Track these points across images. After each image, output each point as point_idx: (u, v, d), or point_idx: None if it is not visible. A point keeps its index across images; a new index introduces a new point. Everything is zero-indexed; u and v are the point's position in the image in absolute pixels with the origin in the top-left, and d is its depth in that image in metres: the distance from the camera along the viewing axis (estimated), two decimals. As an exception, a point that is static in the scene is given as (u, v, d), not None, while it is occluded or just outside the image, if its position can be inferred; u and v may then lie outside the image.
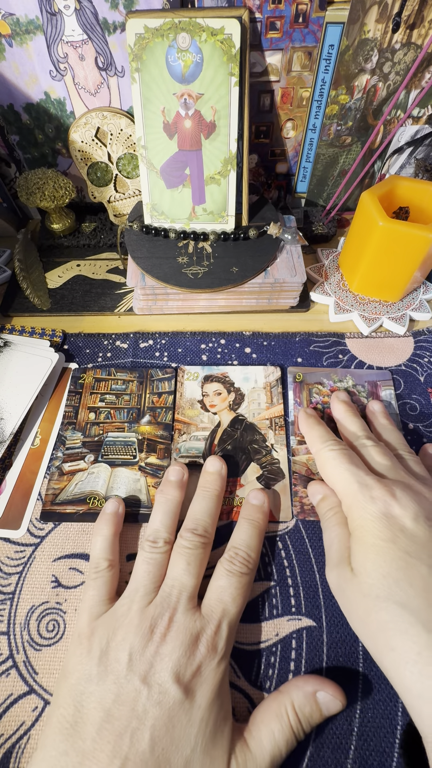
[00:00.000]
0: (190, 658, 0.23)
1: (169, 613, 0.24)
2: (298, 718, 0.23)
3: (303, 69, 0.38)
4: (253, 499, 0.30)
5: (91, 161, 0.43)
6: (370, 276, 0.40)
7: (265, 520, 0.30)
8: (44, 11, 0.34)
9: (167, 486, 0.30)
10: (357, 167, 0.44)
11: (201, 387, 0.38)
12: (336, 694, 0.24)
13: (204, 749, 0.21)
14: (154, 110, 0.35)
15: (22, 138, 0.42)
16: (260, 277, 0.39)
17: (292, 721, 0.23)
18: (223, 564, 0.27)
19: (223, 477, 0.31)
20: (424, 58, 0.36)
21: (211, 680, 0.23)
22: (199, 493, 0.30)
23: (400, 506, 0.25)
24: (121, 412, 0.36)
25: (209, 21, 0.31)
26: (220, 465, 0.31)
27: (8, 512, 0.32)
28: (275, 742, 0.22)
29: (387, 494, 0.26)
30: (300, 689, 0.24)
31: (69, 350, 0.40)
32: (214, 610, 0.25)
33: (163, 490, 0.30)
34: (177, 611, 0.25)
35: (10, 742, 0.25)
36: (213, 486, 0.30)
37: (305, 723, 0.23)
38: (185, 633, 0.24)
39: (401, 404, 0.36)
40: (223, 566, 0.27)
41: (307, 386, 0.37)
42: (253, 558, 0.28)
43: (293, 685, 0.24)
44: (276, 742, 0.22)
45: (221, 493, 0.31)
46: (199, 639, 0.24)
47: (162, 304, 0.41)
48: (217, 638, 0.24)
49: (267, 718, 0.23)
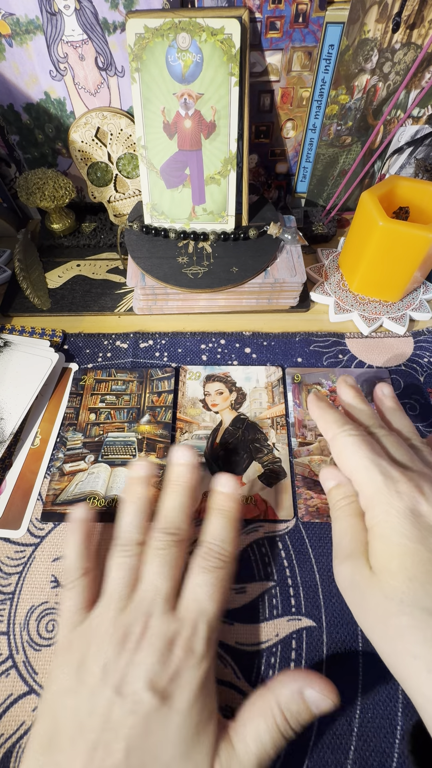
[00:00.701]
0: (165, 663, 0.22)
1: (143, 619, 0.23)
2: (285, 717, 0.22)
3: (303, 69, 0.38)
4: (222, 486, 0.28)
5: (91, 161, 0.43)
6: (370, 276, 0.40)
7: (237, 508, 0.27)
8: (44, 11, 0.34)
9: (133, 483, 0.28)
10: (357, 167, 0.44)
11: (203, 386, 0.38)
12: (325, 691, 0.22)
13: (184, 754, 0.21)
14: (154, 110, 0.35)
15: (22, 138, 0.42)
16: (260, 277, 0.39)
17: (278, 721, 0.21)
18: (196, 560, 0.25)
19: (194, 466, 0.28)
20: (424, 58, 0.36)
21: (191, 683, 0.22)
22: (168, 487, 0.28)
23: (428, 503, 0.24)
24: (121, 412, 0.36)
25: (209, 21, 0.31)
26: (189, 454, 0.28)
27: (8, 512, 0.32)
28: (261, 742, 0.21)
29: (414, 489, 0.24)
30: (286, 686, 0.22)
31: (69, 350, 0.40)
32: (189, 611, 0.24)
33: (129, 488, 0.28)
34: (152, 616, 0.23)
35: (10, 742, 0.25)
36: (183, 478, 0.28)
37: (293, 722, 0.22)
38: (159, 638, 0.23)
39: (401, 404, 0.36)
40: (196, 563, 0.25)
41: (306, 387, 0.37)
42: (229, 551, 0.26)
43: (279, 682, 0.23)
44: (262, 742, 0.21)
45: (193, 485, 0.28)
46: (174, 642, 0.23)
47: (162, 304, 0.41)
48: (194, 639, 0.23)
49: (253, 716, 0.22)
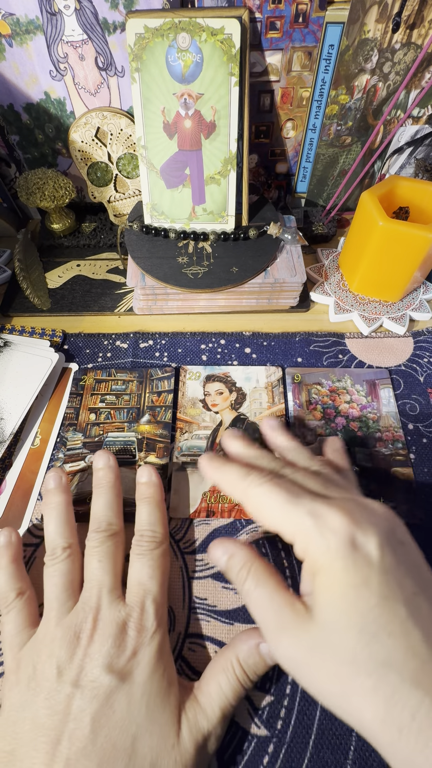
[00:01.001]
0: (120, 646, 0.23)
1: (93, 614, 0.24)
2: (243, 668, 0.23)
3: (303, 69, 0.38)
4: (141, 477, 0.30)
5: (91, 161, 0.43)
6: (370, 276, 0.40)
7: (158, 491, 0.30)
8: (44, 11, 0.34)
9: (48, 495, 0.29)
10: (357, 167, 0.44)
11: (203, 386, 0.38)
12: None
13: (150, 719, 0.22)
14: (154, 110, 0.35)
15: (22, 138, 0.42)
16: (260, 277, 0.39)
17: (237, 673, 0.23)
18: (133, 549, 0.27)
19: (113, 467, 0.30)
20: (424, 58, 0.36)
21: (148, 656, 0.23)
22: (95, 491, 0.30)
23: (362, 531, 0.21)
24: (121, 412, 0.36)
25: (209, 21, 0.31)
26: (107, 457, 0.31)
27: (8, 512, 0.32)
28: (223, 693, 0.23)
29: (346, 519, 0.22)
30: (244, 642, 0.24)
31: (69, 350, 0.40)
32: (135, 594, 0.25)
33: (46, 500, 0.29)
34: (101, 609, 0.25)
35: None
36: (105, 479, 0.30)
37: (251, 673, 0.24)
38: (112, 625, 0.24)
39: (401, 404, 0.36)
40: (133, 551, 0.27)
41: (306, 387, 0.37)
42: (160, 531, 0.28)
43: (238, 639, 0.25)
44: (224, 693, 0.23)
45: (116, 482, 0.30)
46: (126, 625, 0.24)
47: (162, 304, 0.41)
48: (144, 618, 0.24)
49: (214, 672, 0.24)
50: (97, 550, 0.27)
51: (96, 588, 0.25)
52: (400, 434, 0.35)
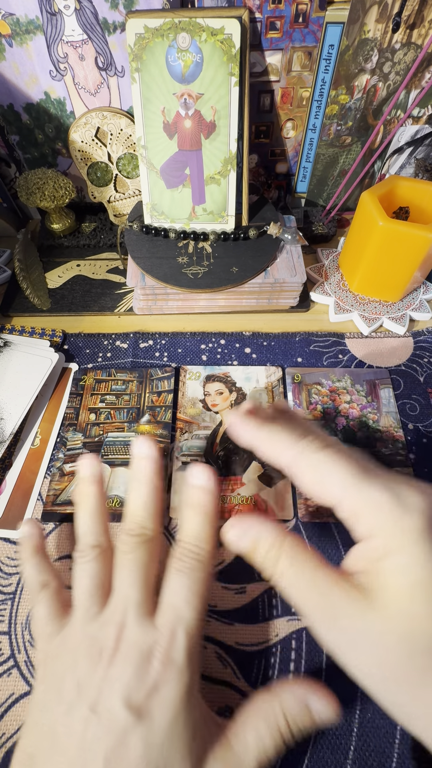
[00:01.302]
0: (142, 678, 0.20)
1: (116, 630, 0.22)
2: (287, 721, 0.21)
3: (303, 69, 0.38)
4: (195, 479, 0.25)
5: (91, 161, 0.43)
6: (370, 276, 0.40)
7: (213, 501, 0.24)
8: (44, 11, 0.34)
9: (81, 484, 0.27)
10: (357, 167, 0.44)
11: (203, 386, 0.38)
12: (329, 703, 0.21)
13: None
14: (154, 110, 0.35)
15: (22, 138, 0.42)
16: (260, 277, 0.39)
17: (280, 724, 0.21)
18: (172, 562, 0.24)
19: (155, 458, 0.26)
20: (424, 58, 0.36)
21: (171, 698, 0.20)
22: (132, 483, 0.26)
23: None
24: (120, 412, 0.36)
25: (209, 21, 0.31)
26: (149, 445, 0.26)
27: (8, 512, 0.32)
28: (262, 743, 0.21)
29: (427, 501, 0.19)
30: (291, 692, 0.22)
31: (69, 350, 0.40)
32: (166, 618, 0.22)
33: (77, 489, 0.27)
34: (125, 627, 0.22)
35: (11, 741, 0.25)
36: (145, 471, 0.25)
37: (294, 728, 0.21)
38: (135, 650, 0.21)
39: (401, 404, 0.36)
40: (172, 565, 0.23)
41: (306, 387, 0.37)
42: (206, 549, 0.24)
43: (284, 688, 0.22)
44: (263, 743, 0.20)
45: (155, 477, 0.26)
46: (152, 654, 0.21)
47: (162, 304, 0.41)
48: (173, 650, 0.21)
49: (254, 719, 0.21)
50: (128, 558, 0.24)
51: (122, 602, 0.23)
52: (400, 434, 0.35)
